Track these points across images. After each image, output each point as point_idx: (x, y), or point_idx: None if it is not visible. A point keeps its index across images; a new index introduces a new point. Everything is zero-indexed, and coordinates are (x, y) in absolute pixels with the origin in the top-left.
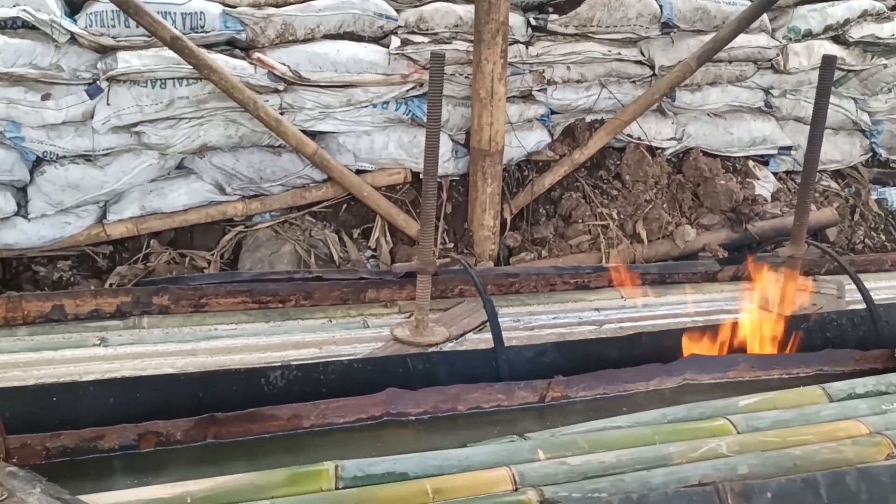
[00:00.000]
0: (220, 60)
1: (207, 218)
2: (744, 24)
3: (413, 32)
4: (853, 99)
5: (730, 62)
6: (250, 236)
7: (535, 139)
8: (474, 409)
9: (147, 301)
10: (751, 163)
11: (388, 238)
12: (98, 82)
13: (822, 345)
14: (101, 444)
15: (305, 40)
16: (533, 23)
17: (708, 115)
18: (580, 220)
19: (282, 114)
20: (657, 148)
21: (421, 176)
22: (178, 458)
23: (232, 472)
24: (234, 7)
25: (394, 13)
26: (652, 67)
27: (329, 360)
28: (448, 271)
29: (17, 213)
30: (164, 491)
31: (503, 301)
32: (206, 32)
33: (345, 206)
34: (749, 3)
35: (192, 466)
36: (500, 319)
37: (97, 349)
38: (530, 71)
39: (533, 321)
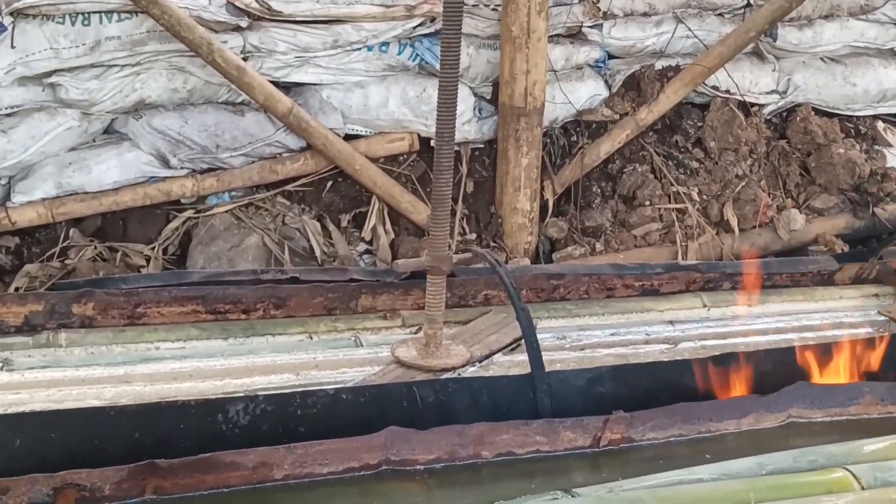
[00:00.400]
0: None
1: (146, 200)
2: None
3: None
4: None
5: None
6: (203, 224)
7: (586, 93)
8: (504, 455)
9: (65, 310)
10: (880, 124)
11: (388, 227)
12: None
13: None
14: (4, 502)
15: None
16: None
17: (822, 59)
18: (647, 203)
19: (245, 59)
20: (753, 105)
21: (432, 143)
22: None
23: None
24: None
25: None
26: None
27: (309, 389)
28: (469, 270)
29: None
30: None
31: (543, 311)
32: None
33: (330, 183)
34: None
35: None
36: (539, 336)
37: None
38: (580, 0)
39: (583, 338)
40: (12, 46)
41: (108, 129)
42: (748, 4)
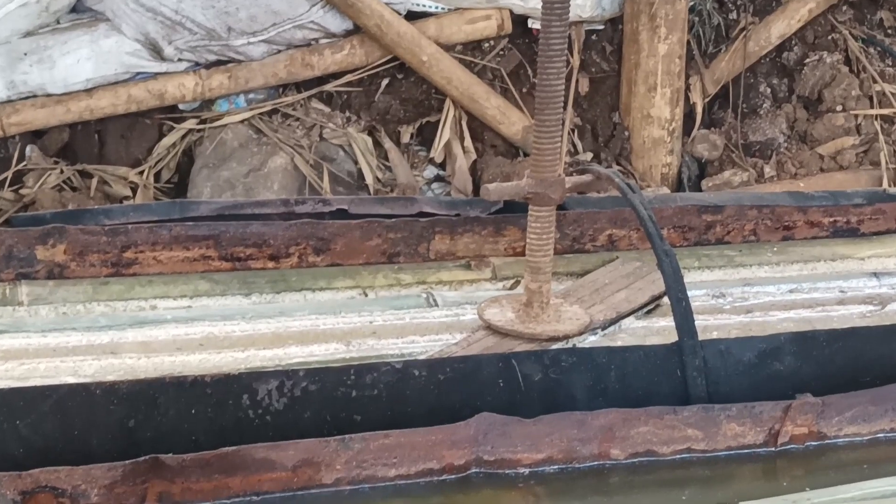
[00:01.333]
0: None
1: (130, 105)
2: None
3: None
4: None
5: None
6: (210, 140)
7: None
8: (642, 455)
9: (26, 254)
10: None
11: (468, 143)
12: None
13: None
14: None
15: None
16: None
17: None
18: (839, 107)
19: None
20: None
21: (531, 22)
22: None
23: None
24: None
25: None
26: None
27: (366, 362)
28: (587, 202)
29: None
30: None
31: (693, 259)
32: None
33: (385, 82)
34: None
35: None
36: (689, 292)
37: None
38: None
39: (750, 296)
40: None
41: (76, 5)
42: None
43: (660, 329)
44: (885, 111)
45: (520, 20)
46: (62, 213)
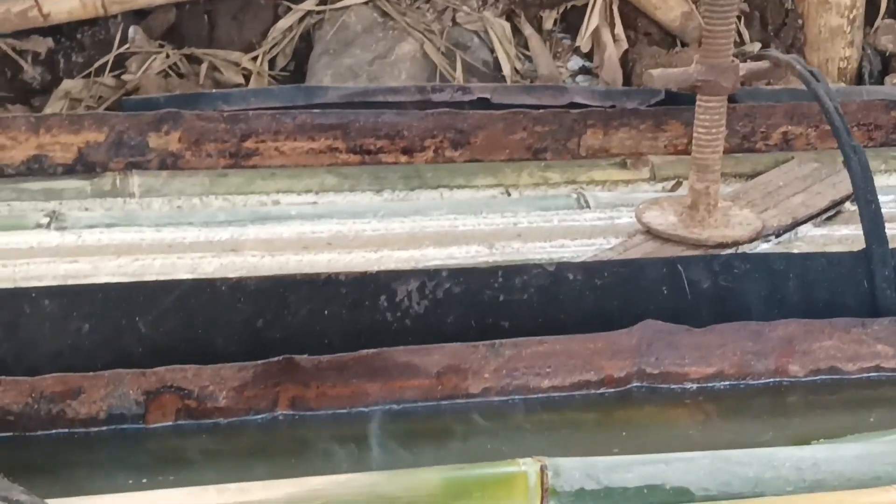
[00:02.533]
0: None
1: None
2: None
3: None
4: None
5: None
6: (330, 24)
7: None
8: (824, 373)
9: (138, 141)
10: None
11: (619, 30)
12: None
13: None
14: (73, 409)
15: None
16: None
17: None
18: None
19: None
20: None
21: None
22: (220, 443)
23: (328, 471)
24: None
25: None
26: None
27: (513, 264)
28: (759, 94)
29: None
30: (205, 499)
31: (879, 160)
32: None
33: None
34: None
35: (247, 459)
36: (879, 196)
37: (44, 234)
38: None
39: None
40: None
41: None
42: None
43: (841, 238)
44: None
45: None
46: (176, 98)
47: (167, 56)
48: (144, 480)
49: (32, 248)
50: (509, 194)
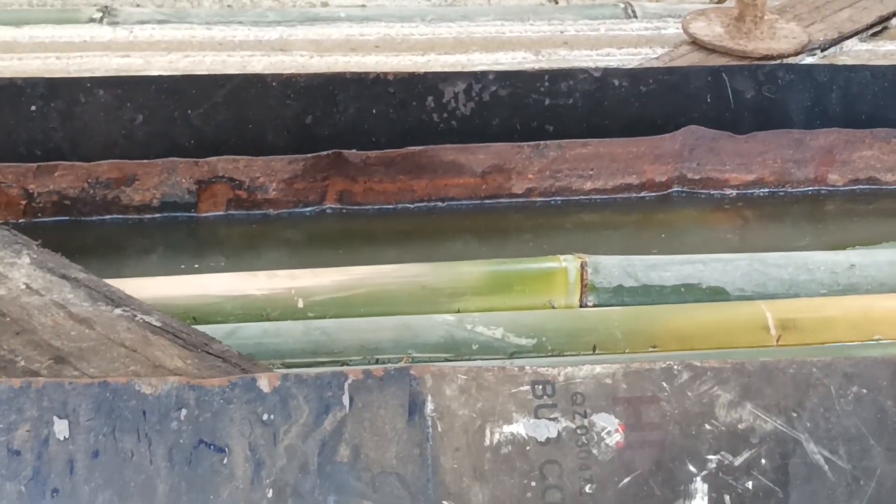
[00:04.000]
0: None
1: None
2: None
3: None
4: None
5: None
6: None
7: None
8: (863, 182)
9: None
10: None
11: None
12: None
13: None
14: (128, 196)
15: None
16: None
17: None
18: None
19: None
20: None
21: None
22: (268, 233)
23: (373, 263)
24: None
25: None
26: None
27: (561, 68)
28: None
29: None
30: (255, 283)
31: None
32: None
33: None
34: None
35: (294, 249)
36: None
37: (96, 28)
38: None
39: None
40: None
41: None
42: None
43: (886, 53)
44: None
45: None
46: None
47: None
48: (196, 266)
49: (85, 42)
50: (556, 2)
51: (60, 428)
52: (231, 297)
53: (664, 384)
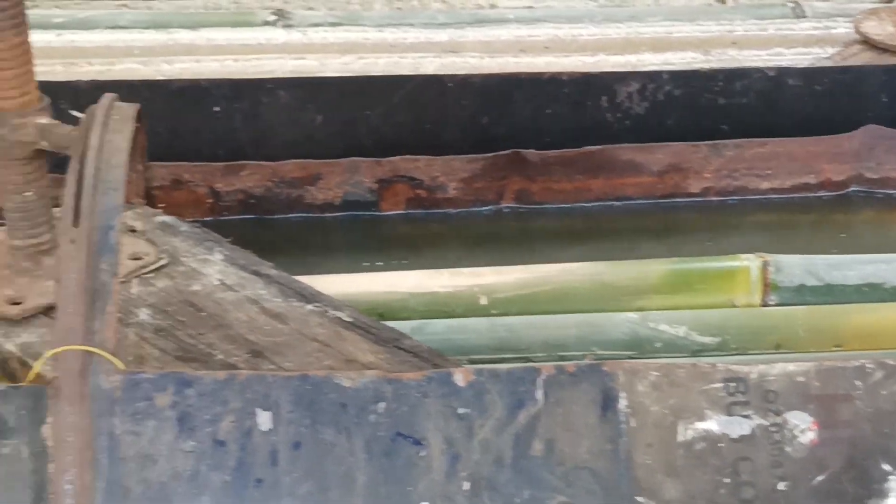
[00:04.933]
0: None
1: None
2: None
3: None
4: None
5: None
6: None
7: None
8: None
9: None
10: None
11: None
12: None
13: None
14: (311, 194)
15: None
16: None
17: None
18: None
19: None
20: None
21: None
22: (448, 231)
23: (552, 261)
24: None
25: None
26: None
27: (734, 68)
28: None
29: None
30: (439, 281)
31: None
32: None
33: None
34: None
35: (474, 247)
36: None
37: (271, 31)
38: None
39: None
40: None
41: None
42: None
43: None
44: None
45: None
46: None
47: None
48: (380, 263)
49: (261, 45)
50: (724, 2)
51: (263, 419)
52: (416, 294)
53: (857, 382)
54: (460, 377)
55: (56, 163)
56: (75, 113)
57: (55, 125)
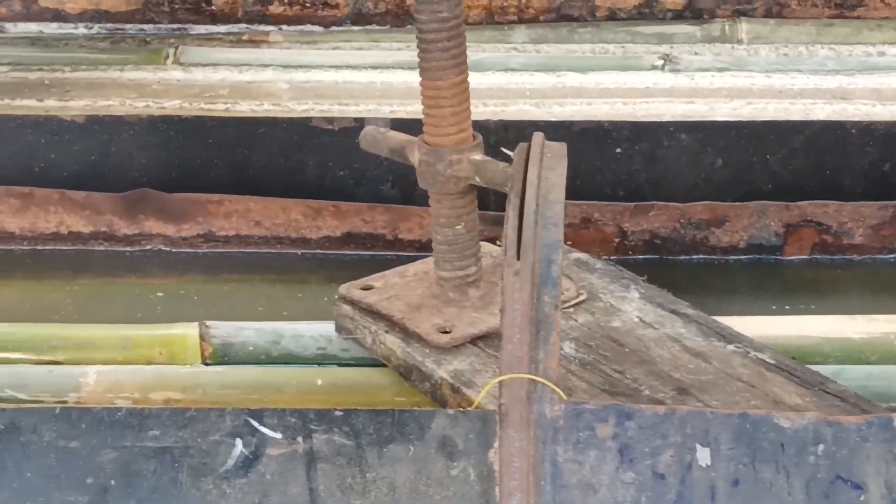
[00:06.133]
0: None
1: None
2: None
3: None
4: None
5: None
6: None
7: None
8: None
9: None
10: None
11: None
12: None
13: None
14: (716, 236)
15: None
16: None
17: None
18: None
19: None
20: None
21: None
22: (852, 278)
23: None
24: None
25: None
26: None
27: None
28: None
29: None
30: (853, 326)
31: None
32: None
33: None
34: None
35: (876, 295)
36: None
37: (658, 75)
38: None
39: None
40: None
41: None
42: None
43: None
44: None
45: None
46: None
47: None
48: (787, 307)
49: (648, 88)
50: None
51: (703, 455)
52: (830, 339)
53: None
54: None
55: None
56: (505, 151)
57: (489, 161)
